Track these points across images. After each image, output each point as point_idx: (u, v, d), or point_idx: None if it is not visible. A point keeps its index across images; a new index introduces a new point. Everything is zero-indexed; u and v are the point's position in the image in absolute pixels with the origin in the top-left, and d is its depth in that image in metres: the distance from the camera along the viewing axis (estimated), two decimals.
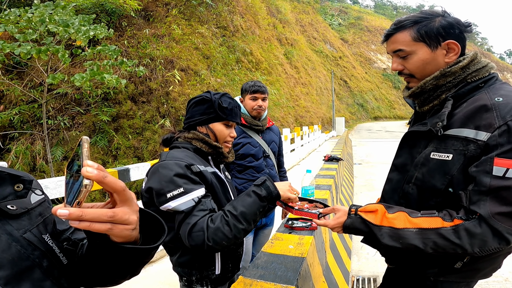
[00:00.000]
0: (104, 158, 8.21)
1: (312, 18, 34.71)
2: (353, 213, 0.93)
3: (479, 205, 0.75)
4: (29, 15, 4.72)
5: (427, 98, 0.92)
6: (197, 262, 1.07)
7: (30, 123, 7.72)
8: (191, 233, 0.89)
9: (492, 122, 0.77)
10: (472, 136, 0.79)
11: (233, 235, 0.89)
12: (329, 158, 4.86)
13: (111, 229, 0.43)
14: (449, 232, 0.77)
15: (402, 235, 0.82)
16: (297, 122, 16.40)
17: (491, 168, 0.75)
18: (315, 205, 1.16)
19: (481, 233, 0.74)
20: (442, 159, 0.84)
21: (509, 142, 0.74)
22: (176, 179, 0.93)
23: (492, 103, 0.79)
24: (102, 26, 6.03)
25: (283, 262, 1.19)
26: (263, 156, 1.84)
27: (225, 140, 1.13)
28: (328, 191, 2.58)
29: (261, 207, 0.93)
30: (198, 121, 1.10)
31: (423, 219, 0.81)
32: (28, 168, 7.54)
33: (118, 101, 8.72)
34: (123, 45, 9.17)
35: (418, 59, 0.87)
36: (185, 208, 0.91)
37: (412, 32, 0.86)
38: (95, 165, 0.40)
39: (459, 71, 0.86)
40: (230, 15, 13.80)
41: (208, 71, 10.93)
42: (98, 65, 6.20)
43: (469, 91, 0.86)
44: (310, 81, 23.41)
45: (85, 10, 8.59)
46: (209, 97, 1.09)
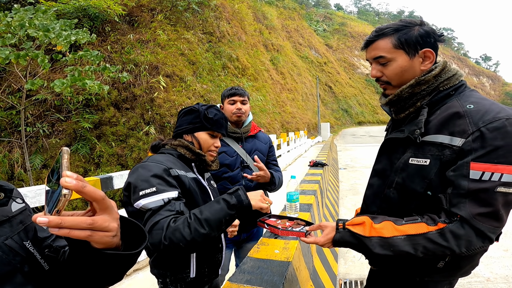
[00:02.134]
0: (86, 166, 7.95)
1: (297, 24, 35.37)
2: (341, 227, 0.96)
3: (459, 207, 0.79)
4: (8, 19, 4.56)
5: (403, 106, 0.96)
6: (171, 264, 1.09)
7: (8, 130, 7.40)
8: (151, 231, 0.89)
9: (465, 128, 0.81)
10: (447, 142, 0.84)
11: (192, 238, 0.87)
12: (314, 163, 4.92)
13: (90, 235, 0.44)
14: (436, 235, 0.81)
15: (392, 243, 0.85)
16: (283, 128, 16.53)
17: (468, 172, 0.79)
18: (297, 223, 1.17)
19: (465, 234, 0.78)
20: (420, 164, 0.88)
21: (483, 147, 0.78)
22: (151, 179, 0.95)
23: (464, 110, 0.84)
24: (84, 31, 5.91)
25: (269, 267, 1.19)
26: (240, 166, 1.72)
27: (209, 149, 1.17)
28: (313, 196, 2.61)
29: (227, 215, 0.93)
30: (185, 129, 1.16)
31: (409, 226, 0.85)
32: (6, 177, 7.20)
33: (100, 108, 8.52)
34: (106, 51, 9.00)
35: (397, 66, 0.91)
36: (153, 206, 0.92)
37: (393, 40, 0.90)
38: (74, 175, 0.42)
39: (432, 79, 0.91)
40: (217, 21, 13.85)
41: (194, 77, 10.88)
42: (79, 70, 6.06)
43: (441, 98, 0.91)
44: (296, 87, 23.73)
45: (67, 14, 8.40)
46: (197, 108, 1.16)
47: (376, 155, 1.07)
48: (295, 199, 1.75)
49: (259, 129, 1.91)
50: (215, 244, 1.19)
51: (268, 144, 1.90)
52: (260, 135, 1.89)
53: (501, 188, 0.77)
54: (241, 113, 1.71)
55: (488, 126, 0.79)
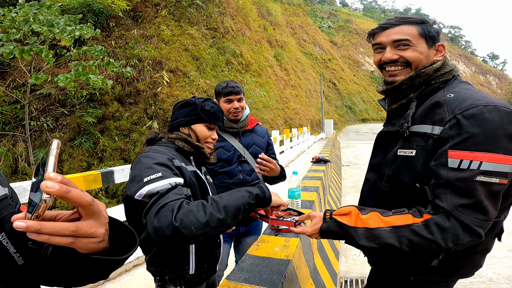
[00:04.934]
0: (89, 160, 8.01)
1: (302, 20, 35.04)
2: (328, 217, 0.94)
3: (441, 199, 0.77)
4: (13, 14, 4.58)
5: (397, 97, 0.97)
6: (170, 261, 1.06)
7: (12, 124, 7.46)
8: (158, 213, 0.80)
9: (443, 116, 0.81)
10: (430, 131, 0.83)
11: (206, 222, 0.79)
12: (317, 160, 4.90)
13: (73, 242, 0.41)
14: (421, 227, 0.79)
15: (377, 235, 0.83)
16: (286, 124, 16.49)
17: (446, 160, 0.78)
18: (289, 213, 1.16)
19: (451, 227, 0.76)
20: (407, 155, 0.88)
21: (459, 134, 0.77)
22: (156, 166, 0.92)
23: (444, 99, 0.85)
24: (88, 26, 5.92)
25: (268, 265, 1.18)
26: (238, 161, 1.71)
27: (206, 140, 1.17)
28: (315, 192, 2.60)
29: (247, 204, 0.89)
30: (181, 122, 1.15)
31: (395, 217, 0.84)
32: (10, 171, 7.28)
33: (104, 102, 8.54)
34: (110, 46, 9.00)
35: (419, 51, 0.92)
36: (160, 189, 0.85)
37: (418, 28, 0.93)
38: (58, 178, 0.37)
39: (432, 72, 0.92)
40: (221, 16, 13.78)
41: (198, 72, 10.86)
42: (83, 65, 6.07)
43: (430, 91, 0.92)
44: (300, 83, 23.60)
45: (72, 10, 8.39)
46: (193, 101, 1.16)
47: (372, 149, 1.07)
48: (296, 195, 1.75)
49: (257, 122, 1.88)
50: (214, 240, 1.17)
51: (266, 137, 1.88)
52: (258, 128, 1.86)
53: (481, 177, 0.74)
54: (238, 111, 1.69)
55: (464, 113, 0.78)
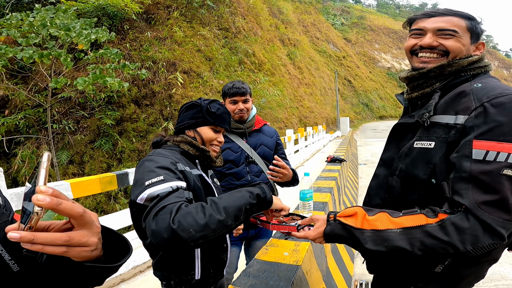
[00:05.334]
0: (109, 162, 8.25)
1: (314, 18, 34.58)
2: (332, 219, 0.88)
3: (461, 195, 0.70)
4: (30, 19, 4.76)
5: (421, 85, 0.91)
6: (176, 266, 1.04)
7: (36, 127, 7.80)
8: (157, 215, 0.77)
9: (469, 104, 0.76)
10: (453, 122, 0.78)
11: (205, 223, 0.76)
12: (332, 159, 4.80)
13: (66, 251, 0.43)
14: (436, 228, 0.71)
15: (385, 237, 0.76)
16: (301, 122, 16.32)
17: (470, 151, 0.71)
18: (292, 218, 1.10)
19: (470, 227, 0.68)
20: (425, 147, 0.82)
21: (486, 123, 0.72)
22: (158, 169, 0.90)
23: (470, 89, 0.80)
24: (103, 30, 6.06)
25: (276, 271, 1.13)
26: (245, 162, 1.68)
27: (212, 143, 1.14)
28: (329, 193, 2.52)
29: (248, 204, 0.85)
30: (187, 124, 1.13)
31: (406, 217, 0.77)
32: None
33: (121, 105, 8.77)
34: (125, 48, 9.23)
35: (462, 43, 0.88)
36: (161, 192, 0.83)
37: (467, 22, 0.90)
38: (49, 191, 0.39)
39: (466, 64, 0.87)
40: (232, 16, 13.81)
41: (211, 73, 10.94)
42: (100, 68, 6.24)
43: (457, 83, 0.87)
44: (314, 82, 23.30)
45: (87, 13, 8.65)
46: (199, 103, 1.13)
47: (385, 143, 1.00)
48: (308, 197, 1.70)
49: (264, 123, 1.85)
50: (220, 244, 1.15)
51: (275, 137, 1.84)
52: (265, 128, 1.82)
53: (509, 170, 0.67)
54: (243, 113, 1.66)
55: (492, 102, 0.73)
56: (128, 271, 2.62)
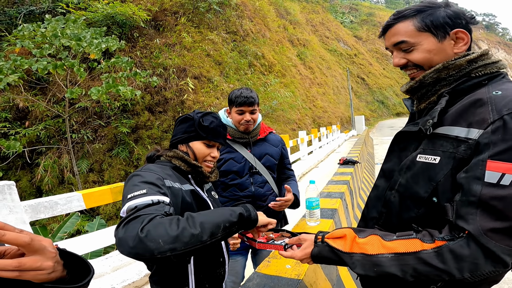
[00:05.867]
0: (126, 169, 8.43)
1: (322, 17, 34.39)
2: (320, 240, 0.84)
3: (467, 220, 0.62)
4: (42, 30, 4.96)
5: (425, 94, 0.81)
6: (169, 280, 1.02)
7: (56, 137, 8.11)
8: (128, 223, 0.73)
9: (485, 117, 0.65)
10: (464, 135, 0.67)
11: (176, 235, 0.71)
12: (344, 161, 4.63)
13: (19, 275, 0.46)
14: (431, 255, 0.65)
15: (376, 262, 0.71)
16: (315, 123, 16.12)
17: (483, 173, 0.62)
18: (281, 234, 1.05)
19: (470, 255, 0.62)
20: (428, 162, 0.72)
21: (504, 141, 0.61)
22: (142, 184, 0.88)
23: (488, 97, 0.68)
24: (113, 38, 6.25)
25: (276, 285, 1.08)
26: (249, 172, 1.62)
27: (204, 159, 1.10)
28: (339, 199, 2.37)
29: (227, 222, 0.81)
30: (180, 139, 1.10)
31: (399, 242, 0.71)
32: (57, 181, 7.90)
33: (136, 112, 8.99)
34: (136, 56, 9.49)
35: (424, 50, 0.77)
36: (139, 204, 0.80)
37: (415, 22, 0.78)
38: None
39: (465, 64, 0.75)
40: (239, 19, 13.96)
41: (221, 77, 11.04)
42: (113, 77, 6.42)
43: (470, 87, 0.74)
44: (326, 81, 23.04)
45: (97, 23, 8.98)
46: (192, 116, 1.10)
47: (386, 152, 0.91)
48: (315, 206, 1.64)
49: (270, 130, 1.78)
50: (215, 258, 1.10)
51: (280, 147, 1.77)
52: (271, 137, 1.76)
53: None
54: (249, 124, 1.60)
55: None
56: (141, 278, 2.60)
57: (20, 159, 7.63)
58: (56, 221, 6.31)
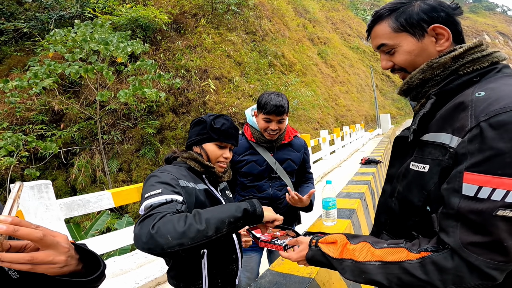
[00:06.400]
0: (153, 169, 8.73)
1: (343, 14, 33.63)
2: (314, 244, 0.84)
3: (447, 232, 0.61)
4: (72, 34, 5.28)
5: (416, 96, 0.79)
6: (184, 275, 1.08)
7: (89, 138, 8.60)
8: (143, 221, 0.81)
9: (465, 123, 0.61)
10: (448, 143, 0.64)
11: (183, 231, 0.77)
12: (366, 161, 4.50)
13: (32, 268, 0.50)
14: (415, 266, 0.64)
15: (364, 269, 0.71)
16: (337, 122, 15.77)
17: (460, 185, 0.59)
18: (287, 233, 1.06)
19: (453, 268, 0.59)
20: (419, 171, 0.70)
21: (481, 151, 0.57)
22: (158, 184, 0.95)
23: (470, 99, 0.63)
24: (138, 42, 6.51)
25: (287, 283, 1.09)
26: (269, 176, 1.63)
27: (217, 160, 1.15)
28: (358, 199, 2.31)
29: (232, 217, 0.84)
30: (194, 141, 1.16)
31: (387, 250, 0.70)
32: (90, 180, 8.36)
33: (161, 114, 9.31)
34: (160, 59, 9.84)
35: (404, 51, 0.74)
36: (154, 203, 0.88)
37: (390, 22, 0.75)
38: (8, 220, 0.47)
39: (450, 61, 0.70)
40: (258, 19, 14.03)
41: (242, 77, 11.14)
42: (139, 80, 6.70)
43: (459, 87, 0.69)
44: (349, 79, 22.49)
45: (122, 26, 9.42)
46: (204, 119, 1.15)
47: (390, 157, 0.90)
48: (331, 205, 1.64)
49: (295, 134, 1.76)
50: (228, 255, 1.15)
51: (302, 152, 1.76)
52: (295, 142, 1.74)
53: (505, 211, 0.55)
54: (274, 134, 1.57)
55: (491, 120, 0.56)
56: (163, 275, 2.65)
57: (56, 160, 8.16)
58: (89, 219, 6.65)
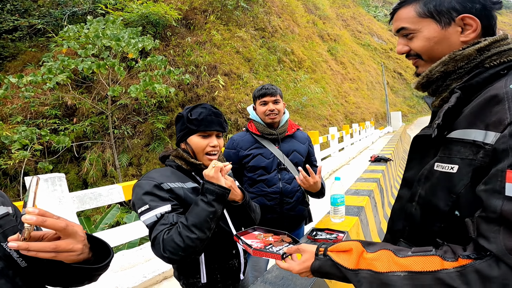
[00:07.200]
0: (162, 164, 8.85)
1: (353, 11, 33.06)
2: (322, 253, 0.75)
3: (488, 239, 0.55)
4: (85, 31, 5.39)
5: (436, 90, 0.74)
6: (184, 269, 1.13)
7: (100, 133, 8.78)
8: (153, 246, 0.95)
9: (502, 117, 0.56)
10: (481, 139, 0.58)
11: (186, 245, 0.91)
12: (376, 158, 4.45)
13: (55, 256, 0.56)
14: (452, 275, 0.56)
15: (385, 281, 0.62)
16: (347, 119, 15.61)
17: (502, 185, 0.53)
18: (281, 239, 0.97)
19: (499, 276, 0.53)
20: (446, 171, 0.64)
21: None
22: (144, 197, 1.00)
23: (505, 91, 0.58)
24: (148, 38, 6.60)
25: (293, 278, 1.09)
26: (277, 168, 1.64)
27: (204, 152, 1.12)
28: (367, 197, 2.30)
29: (210, 214, 0.94)
30: (178, 138, 1.16)
31: (415, 259, 0.61)
32: (100, 174, 8.54)
33: (170, 109, 9.42)
34: (170, 54, 9.94)
35: (424, 37, 0.71)
36: (149, 223, 0.98)
37: (417, 7, 0.72)
38: (35, 211, 0.52)
39: (475, 53, 0.66)
40: (267, 16, 13.97)
41: (251, 73, 11.15)
42: (149, 75, 6.79)
43: (486, 80, 0.65)
44: (359, 76, 22.19)
45: (133, 22, 9.55)
46: (182, 113, 1.14)
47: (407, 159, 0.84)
48: (339, 202, 1.64)
49: (297, 127, 1.81)
50: (227, 250, 1.16)
51: (307, 144, 1.79)
52: (298, 134, 1.79)
53: None
54: (274, 114, 1.63)
55: None
56: (171, 269, 2.68)
57: (68, 153, 8.38)
58: (99, 212, 6.81)
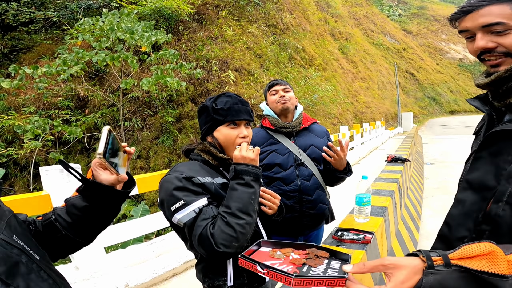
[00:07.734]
0: (170, 157, 8.93)
1: (367, 10, 32.55)
2: (441, 264, 0.56)
3: None
4: (100, 23, 5.44)
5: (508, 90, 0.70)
6: (210, 271, 1.06)
7: (111, 124, 8.88)
8: (199, 244, 0.89)
9: None
10: None
11: (238, 232, 0.88)
12: (393, 158, 4.33)
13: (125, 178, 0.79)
14: None
15: None
16: (356, 118, 15.44)
17: None
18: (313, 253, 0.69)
19: None
20: None
21: None
22: (176, 193, 0.94)
23: None
24: (161, 32, 6.62)
25: None
26: (294, 164, 1.53)
27: (235, 144, 1.03)
28: (389, 197, 2.23)
29: (252, 194, 0.92)
30: (204, 131, 1.07)
31: None
32: None
33: (180, 103, 9.47)
34: (181, 49, 9.97)
35: None
36: (187, 220, 0.91)
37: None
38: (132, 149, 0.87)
39: None
40: (279, 12, 13.87)
41: (261, 69, 11.11)
42: (161, 69, 6.83)
43: None
44: (370, 75, 21.89)
45: (146, 16, 9.61)
46: (205, 104, 1.06)
47: (471, 160, 0.79)
48: (365, 202, 1.57)
49: (314, 120, 1.70)
50: None
51: (326, 138, 1.67)
52: (315, 127, 1.67)
53: None
54: (285, 100, 1.54)
55: None
56: (180, 265, 2.70)
57: (79, 144, 8.51)
58: None
